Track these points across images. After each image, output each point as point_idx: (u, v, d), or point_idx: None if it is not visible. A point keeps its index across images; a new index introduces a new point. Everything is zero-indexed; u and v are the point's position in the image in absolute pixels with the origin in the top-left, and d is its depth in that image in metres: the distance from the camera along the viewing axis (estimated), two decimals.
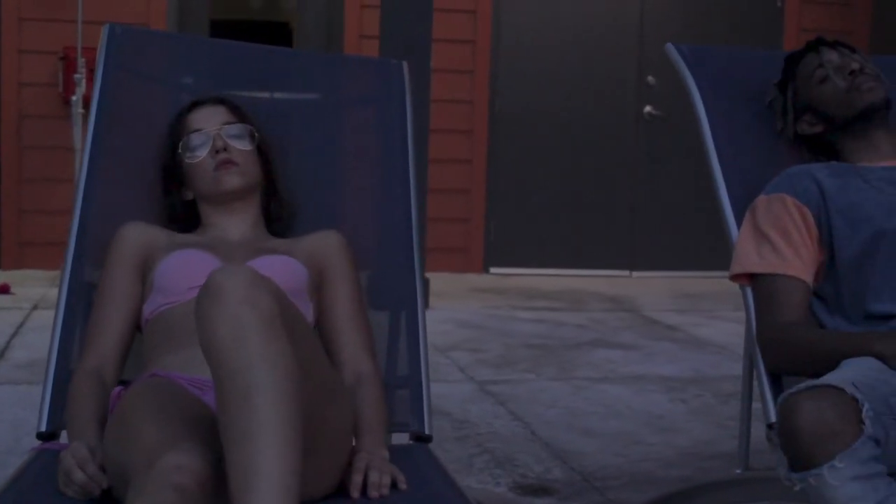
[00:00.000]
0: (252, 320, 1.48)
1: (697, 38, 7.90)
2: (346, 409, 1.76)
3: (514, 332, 5.53)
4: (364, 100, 2.42)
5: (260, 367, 1.45)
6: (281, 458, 1.41)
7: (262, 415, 1.42)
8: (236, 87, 2.34)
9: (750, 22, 8.14)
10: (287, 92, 2.40)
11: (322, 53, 2.48)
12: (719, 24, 8.04)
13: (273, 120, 2.34)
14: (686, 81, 2.54)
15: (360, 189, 2.34)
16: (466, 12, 7.75)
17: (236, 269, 1.54)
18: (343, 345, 2.05)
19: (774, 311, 2.12)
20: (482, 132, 7.84)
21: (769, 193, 2.25)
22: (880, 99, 2.29)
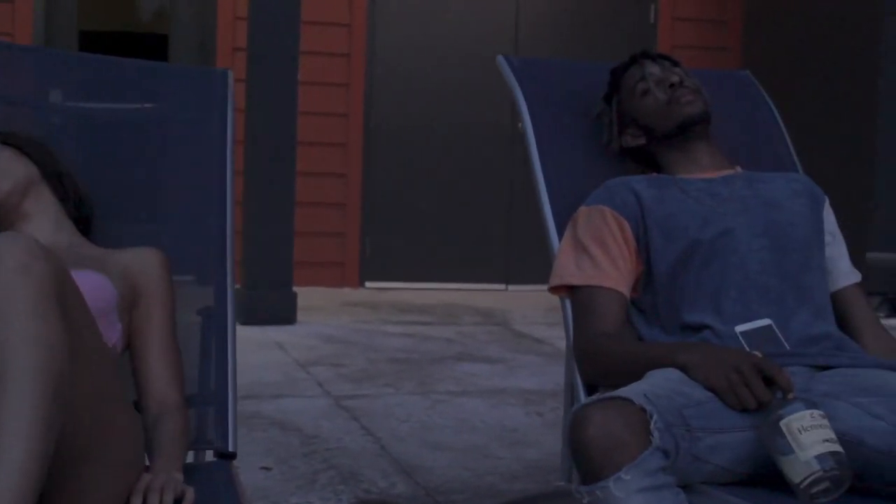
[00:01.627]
0: (24, 292, 1.40)
1: (571, 53, 7.98)
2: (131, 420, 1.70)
3: (380, 347, 5.50)
4: (184, 109, 2.36)
5: (20, 346, 1.38)
6: (27, 440, 1.33)
7: (11, 400, 1.35)
8: (49, 95, 2.27)
9: (623, 38, 8.23)
10: (103, 100, 2.34)
11: (142, 61, 2.40)
12: (593, 40, 8.12)
13: (89, 128, 2.28)
14: (514, 93, 2.54)
15: (175, 199, 2.29)
16: (342, 26, 7.73)
17: (15, 235, 1.46)
18: (149, 371, 1.97)
19: (591, 323, 2.12)
20: (357, 146, 7.81)
21: (589, 205, 2.25)
22: (699, 111, 2.30)
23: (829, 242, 2.30)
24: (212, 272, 2.17)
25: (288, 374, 4.75)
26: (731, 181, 2.26)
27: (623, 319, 2.14)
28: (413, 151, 7.93)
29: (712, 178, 2.27)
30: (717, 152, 2.35)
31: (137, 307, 2.01)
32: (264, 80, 5.97)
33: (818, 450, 1.67)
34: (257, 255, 6.02)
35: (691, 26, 8.45)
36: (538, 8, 8.14)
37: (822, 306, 2.14)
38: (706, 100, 2.34)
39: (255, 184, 6.02)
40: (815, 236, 2.23)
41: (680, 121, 2.30)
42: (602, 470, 1.59)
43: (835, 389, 1.88)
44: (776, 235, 2.16)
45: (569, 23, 8.19)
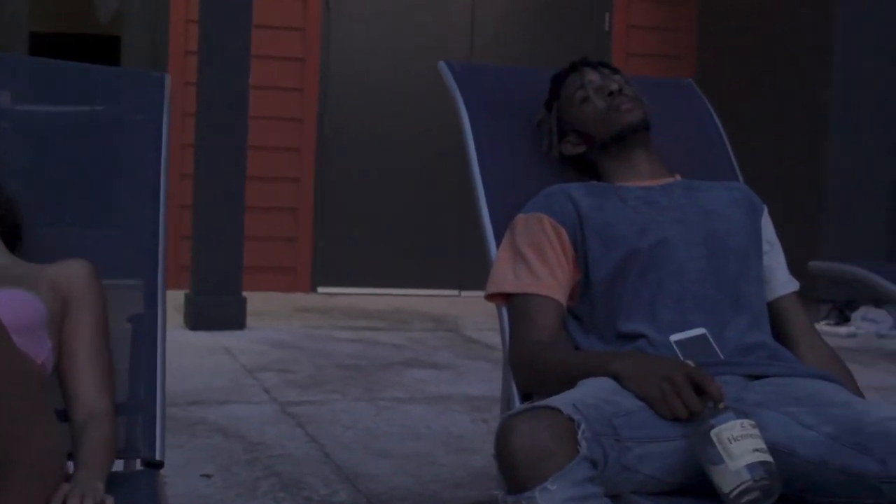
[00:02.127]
0: None
1: (527, 60, 7.98)
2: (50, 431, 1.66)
3: (330, 353, 5.47)
4: (120, 112, 2.34)
5: None
6: None
7: None
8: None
9: (578, 46, 8.21)
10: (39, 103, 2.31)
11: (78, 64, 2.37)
12: (549, 47, 8.12)
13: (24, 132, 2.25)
14: (455, 99, 2.52)
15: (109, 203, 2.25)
16: (296, 30, 7.68)
17: None
18: (78, 379, 1.93)
19: (526, 331, 2.11)
20: (310, 150, 7.77)
21: (527, 213, 2.24)
22: (638, 119, 2.30)
23: (767, 251, 2.30)
24: (144, 277, 2.14)
25: (235, 380, 4.71)
26: (669, 189, 2.26)
27: (559, 328, 2.13)
28: (367, 156, 7.90)
29: (651, 187, 2.26)
30: (656, 160, 2.34)
31: (67, 318, 1.97)
32: (215, 83, 5.93)
33: (748, 459, 1.67)
34: (207, 260, 5.97)
35: (646, 34, 8.47)
36: (494, 15, 8.14)
37: (758, 315, 2.14)
38: (646, 108, 2.34)
39: (204, 188, 5.98)
40: (752, 245, 2.23)
41: (619, 129, 2.30)
42: (528, 480, 1.58)
43: (767, 399, 1.88)
44: (714, 244, 2.16)
45: (524, 30, 8.19)
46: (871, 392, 5.00)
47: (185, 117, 7.11)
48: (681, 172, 2.41)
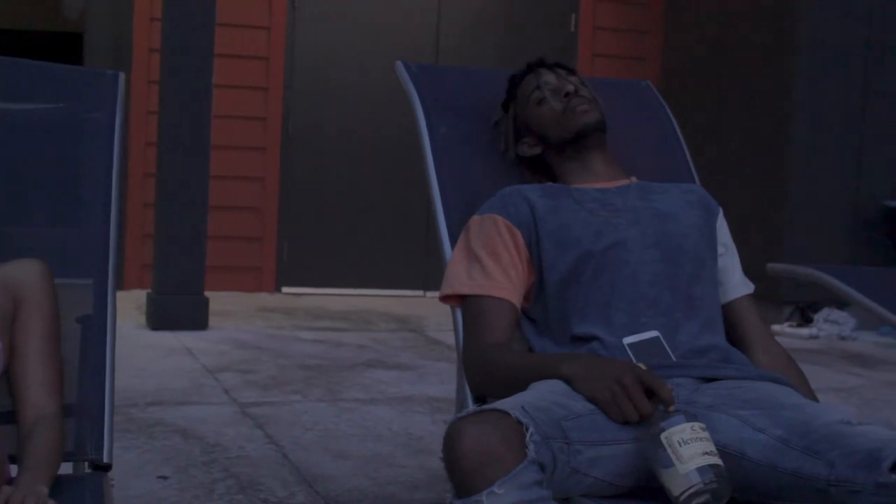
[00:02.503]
0: None
1: (493, 61, 7.98)
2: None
3: (292, 353, 5.44)
4: (73, 110, 2.31)
5: None
6: None
7: None
8: None
9: (544, 47, 8.19)
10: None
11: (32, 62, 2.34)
12: (514, 48, 8.11)
13: None
14: (411, 99, 2.52)
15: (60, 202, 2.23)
16: (260, 28, 7.64)
17: None
18: (29, 383, 1.91)
19: (480, 333, 2.10)
20: (275, 150, 7.73)
21: (482, 214, 2.23)
22: (594, 121, 2.30)
23: (722, 254, 2.30)
24: (94, 277, 2.12)
25: (195, 381, 4.68)
26: (625, 192, 2.25)
27: (513, 330, 2.13)
28: (332, 156, 7.88)
29: (606, 189, 2.26)
30: (612, 162, 2.34)
31: (18, 318, 1.95)
32: (178, 81, 5.89)
33: (698, 462, 1.67)
34: (169, 260, 5.93)
35: (612, 36, 8.48)
36: (460, 16, 8.13)
37: (711, 318, 2.14)
38: (602, 109, 2.34)
39: (167, 187, 5.94)
40: (707, 248, 2.23)
41: (575, 130, 2.29)
42: (475, 484, 1.56)
43: (718, 402, 1.88)
44: (668, 247, 2.16)
45: (490, 31, 8.19)
46: (831, 393, 5.05)
47: (148, 116, 7.08)
48: (637, 174, 2.40)
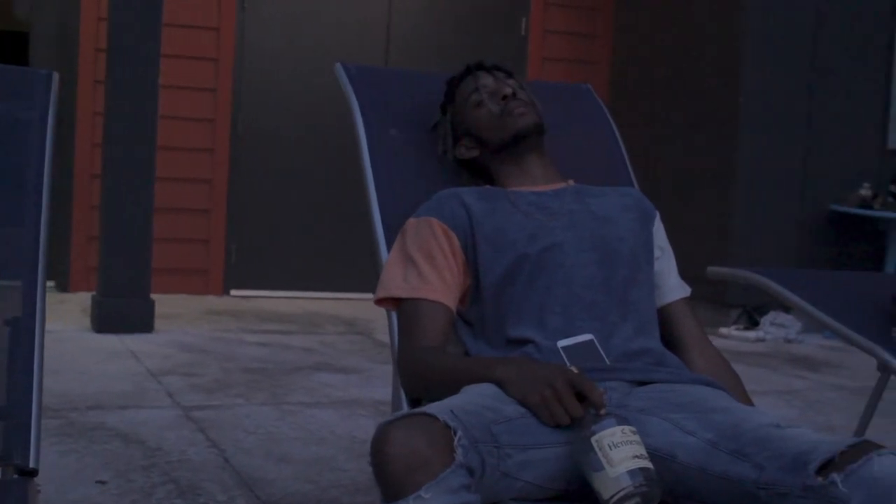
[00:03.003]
0: None
1: (443, 63, 7.96)
2: None
3: (237, 356, 5.40)
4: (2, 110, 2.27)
5: None
6: None
7: None
8: None
9: (495, 50, 8.24)
10: None
11: None
12: (464, 51, 8.11)
13: None
14: (349, 100, 2.50)
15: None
16: (209, 29, 7.60)
17: None
18: None
19: (415, 336, 2.09)
20: (224, 151, 7.68)
21: (418, 216, 2.22)
22: (531, 124, 2.29)
23: (659, 257, 2.31)
24: (23, 279, 2.08)
25: (138, 384, 4.64)
26: (561, 195, 2.25)
27: (448, 333, 2.12)
28: (281, 158, 7.84)
29: (543, 192, 2.26)
30: (549, 165, 2.34)
31: None
32: (124, 82, 5.83)
33: (628, 466, 1.66)
34: (114, 262, 5.87)
35: (562, 39, 8.51)
36: (410, 18, 8.12)
37: (646, 321, 2.14)
38: (539, 112, 2.33)
39: (112, 188, 5.88)
40: (643, 251, 2.23)
41: (512, 133, 2.29)
42: (402, 488, 1.55)
43: (650, 405, 1.88)
44: (604, 250, 2.16)
45: (441, 35, 8.18)
46: (775, 396, 5.08)
47: (95, 116, 7.00)
48: (576, 177, 2.40)
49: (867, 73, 7.62)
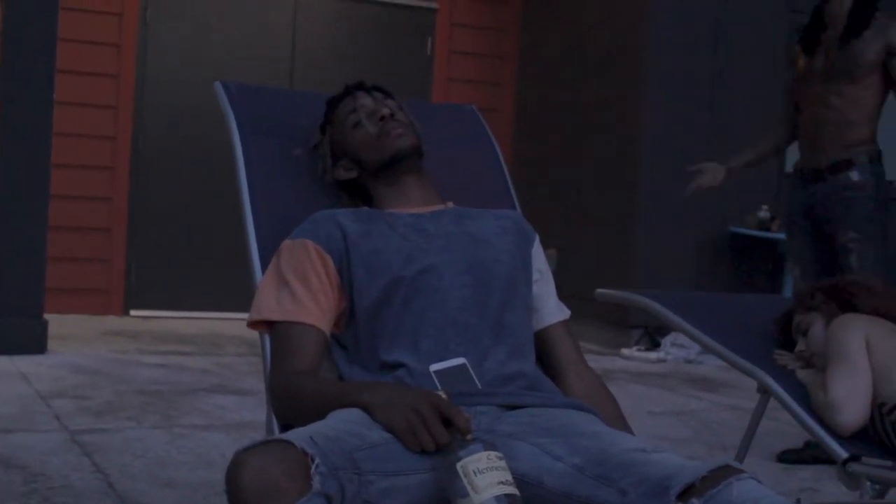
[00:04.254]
0: None
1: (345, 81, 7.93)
2: None
3: (132, 378, 5.31)
4: None
5: None
6: None
7: None
8: None
9: (401, 70, 8.25)
10: None
11: None
12: (370, 71, 8.07)
13: None
14: (227, 119, 2.47)
15: None
16: (110, 45, 7.49)
17: None
18: None
19: (286, 360, 2.05)
20: (124, 169, 7.58)
21: (294, 238, 2.19)
22: (409, 146, 2.28)
23: (537, 280, 2.30)
24: None
25: (26, 407, 4.52)
26: (439, 217, 2.23)
27: (320, 357, 2.08)
28: (183, 177, 7.75)
29: (421, 214, 2.24)
30: (428, 187, 2.32)
31: None
32: (17, 98, 5.72)
33: (493, 492, 1.65)
34: (6, 281, 5.74)
35: (468, 60, 8.53)
36: (315, 37, 8.09)
37: (520, 345, 2.13)
38: (418, 133, 2.32)
39: (5, 205, 5.75)
40: (521, 274, 2.22)
41: (390, 154, 2.27)
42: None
43: (519, 430, 1.87)
44: (480, 273, 2.14)
45: (346, 52, 8.16)
46: (671, 416, 5.11)
47: None
48: (458, 199, 2.39)
49: (767, 97, 7.74)
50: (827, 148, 4.26)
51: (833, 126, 4.25)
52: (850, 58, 4.18)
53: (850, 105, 4.22)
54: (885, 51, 4.15)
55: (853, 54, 4.18)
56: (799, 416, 2.67)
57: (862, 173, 4.20)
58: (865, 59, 4.16)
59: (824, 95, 4.27)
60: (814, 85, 4.32)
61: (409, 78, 8.28)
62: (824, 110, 4.27)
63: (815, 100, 4.31)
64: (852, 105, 4.21)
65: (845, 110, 4.22)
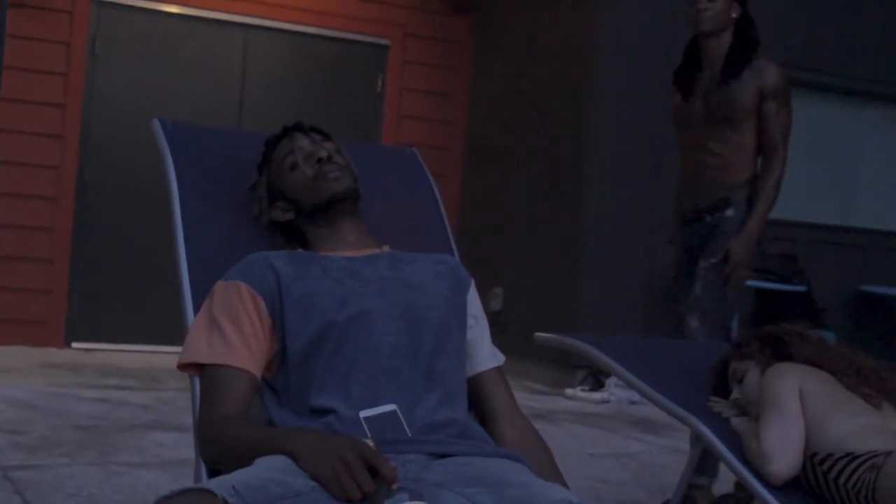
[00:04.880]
0: None
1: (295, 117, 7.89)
2: None
3: (69, 413, 5.23)
4: None
5: None
6: None
7: None
8: None
9: (352, 106, 8.26)
10: None
11: None
12: (320, 107, 8.09)
13: None
14: (164, 157, 2.45)
15: None
16: (57, 75, 7.43)
17: None
18: None
19: (215, 404, 2.03)
20: (69, 199, 7.50)
21: (227, 280, 2.17)
22: (345, 188, 2.27)
23: (472, 326, 2.29)
24: None
25: None
26: (374, 261, 2.23)
27: (249, 401, 2.06)
28: (129, 207, 7.67)
29: (356, 257, 2.23)
30: (364, 230, 2.32)
31: None
32: None
33: None
34: None
35: (418, 97, 8.54)
36: (265, 71, 8.07)
37: (452, 391, 2.12)
38: (355, 176, 2.32)
39: None
40: (455, 320, 2.21)
41: (326, 197, 2.27)
42: None
43: (447, 479, 1.85)
44: (413, 319, 2.13)
45: (296, 87, 8.15)
46: (612, 458, 5.11)
47: None
48: (395, 242, 2.38)
49: None
50: (707, 191, 4.16)
51: (714, 170, 4.15)
52: (729, 102, 4.07)
53: (731, 150, 4.11)
54: (759, 94, 4.06)
55: (732, 98, 4.07)
56: (731, 464, 2.67)
57: (738, 210, 4.10)
58: (744, 102, 4.06)
59: (705, 140, 4.16)
60: (693, 128, 4.22)
61: (360, 114, 8.29)
62: (705, 155, 4.17)
63: (696, 144, 4.21)
64: (733, 150, 4.11)
65: (726, 155, 4.12)
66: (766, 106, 4.08)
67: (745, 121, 4.08)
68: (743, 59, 4.09)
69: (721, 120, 4.10)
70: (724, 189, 4.13)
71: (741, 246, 4.04)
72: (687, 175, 4.32)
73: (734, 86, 4.07)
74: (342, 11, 8.23)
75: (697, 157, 4.21)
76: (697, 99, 4.19)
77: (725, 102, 4.08)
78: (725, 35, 4.13)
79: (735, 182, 4.12)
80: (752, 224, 4.05)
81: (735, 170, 4.12)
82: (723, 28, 4.12)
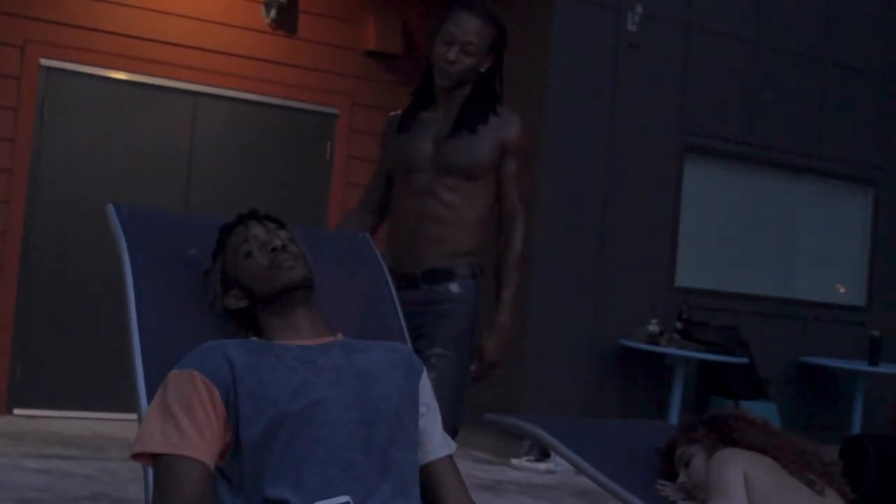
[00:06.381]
0: None
1: (244, 184, 7.97)
2: None
3: (10, 485, 5.16)
4: None
5: None
6: None
7: None
8: None
9: (300, 173, 8.29)
10: None
11: None
12: (269, 175, 8.12)
13: None
14: (118, 243, 2.46)
15: None
16: (4, 140, 7.39)
17: None
18: None
19: (169, 495, 2.03)
20: (13, 264, 7.43)
21: (181, 369, 2.18)
22: (299, 278, 2.30)
23: (424, 414, 2.32)
24: None
25: None
26: (328, 349, 2.25)
27: (202, 491, 2.07)
28: (75, 273, 7.62)
29: (310, 346, 2.25)
30: (318, 319, 2.34)
31: None
32: None
33: None
34: None
35: (366, 165, 8.56)
36: (214, 138, 8.07)
37: (406, 482, 2.14)
38: (309, 265, 2.34)
39: None
40: (407, 409, 2.24)
41: (280, 286, 2.29)
42: None
43: None
44: (366, 408, 2.15)
45: (245, 155, 8.16)
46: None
47: None
48: (348, 329, 2.41)
49: (656, 213, 7.93)
50: (426, 252, 3.57)
51: (439, 225, 3.56)
52: (465, 152, 3.55)
53: (463, 202, 3.57)
54: (501, 148, 3.58)
55: (468, 149, 3.55)
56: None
57: (463, 286, 3.55)
58: (482, 156, 3.56)
59: (432, 186, 3.58)
60: (418, 170, 3.62)
61: (309, 181, 8.32)
62: (431, 203, 3.58)
63: (419, 189, 3.60)
64: (466, 203, 3.58)
65: (457, 208, 3.57)
66: (506, 164, 3.62)
67: (482, 176, 3.58)
68: (480, 114, 3.59)
69: (454, 168, 3.56)
70: (445, 256, 3.57)
71: (497, 345, 3.63)
72: (402, 227, 3.66)
73: (472, 139, 3.56)
74: (291, 80, 8.28)
75: (420, 205, 3.59)
76: (427, 138, 3.63)
77: (461, 151, 3.56)
78: (467, 86, 3.62)
79: (460, 249, 3.58)
80: (503, 316, 3.62)
81: (462, 232, 3.59)
82: (466, 81, 3.60)
